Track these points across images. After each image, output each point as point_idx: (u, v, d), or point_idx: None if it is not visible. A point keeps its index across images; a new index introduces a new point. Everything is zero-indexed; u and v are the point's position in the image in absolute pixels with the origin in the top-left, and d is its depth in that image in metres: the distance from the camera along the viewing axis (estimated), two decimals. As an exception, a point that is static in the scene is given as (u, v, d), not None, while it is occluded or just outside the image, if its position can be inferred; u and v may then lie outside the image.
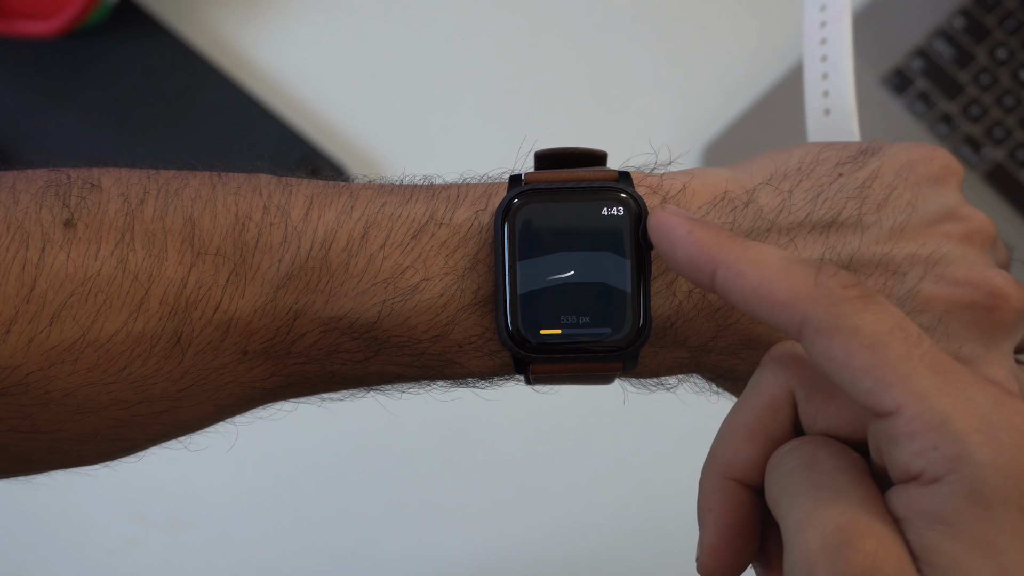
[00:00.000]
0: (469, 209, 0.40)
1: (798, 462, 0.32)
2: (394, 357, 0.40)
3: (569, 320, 0.39)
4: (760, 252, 0.34)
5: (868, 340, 0.30)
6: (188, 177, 0.40)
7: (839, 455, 0.32)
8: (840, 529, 0.29)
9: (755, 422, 0.34)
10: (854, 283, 0.31)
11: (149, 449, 0.41)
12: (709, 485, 0.35)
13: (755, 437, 0.34)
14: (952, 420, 0.29)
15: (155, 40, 0.81)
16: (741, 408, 0.35)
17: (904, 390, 0.30)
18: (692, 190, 0.41)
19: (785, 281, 0.32)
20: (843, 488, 0.31)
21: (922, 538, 0.29)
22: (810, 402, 0.34)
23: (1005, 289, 0.41)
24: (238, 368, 0.39)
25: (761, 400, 0.35)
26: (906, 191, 0.42)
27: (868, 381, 0.30)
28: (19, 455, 0.39)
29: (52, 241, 0.37)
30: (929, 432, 0.29)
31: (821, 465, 0.32)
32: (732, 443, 0.35)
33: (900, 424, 0.30)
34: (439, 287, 0.40)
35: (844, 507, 0.30)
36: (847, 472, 0.31)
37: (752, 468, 0.34)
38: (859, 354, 0.30)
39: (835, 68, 0.47)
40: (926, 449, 0.29)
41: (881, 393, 0.30)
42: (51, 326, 0.36)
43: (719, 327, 0.41)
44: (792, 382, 0.34)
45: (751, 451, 0.34)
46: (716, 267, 0.34)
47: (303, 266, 0.39)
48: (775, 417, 0.34)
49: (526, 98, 0.82)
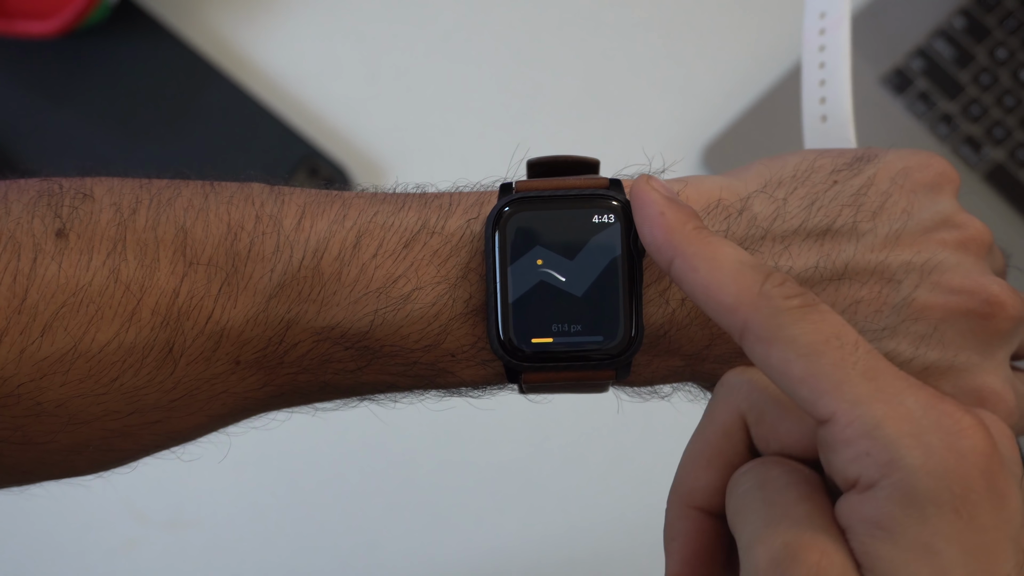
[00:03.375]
0: (461, 218, 0.40)
1: (752, 483, 0.33)
2: (387, 367, 0.40)
3: (561, 329, 0.39)
4: (717, 251, 0.34)
5: (804, 349, 0.31)
6: (180, 186, 0.40)
7: (789, 473, 0.32)
8: (786, 544, 0.30)
9: (711, 449, 0.35)
10: (797, 293, 0.32)
11: (142, 459, 0.41)
12: (673, 514, 0.35)
13: (713, 463, 0.35)
14: (883, 425, 0.29)
15: (155, 40, 0.81)
16: (697, 436, 0.36)
17: (837, 397, 0.30)
18: (685, 198, 0.41)
19: (733, 285, 0.33)
20: (791, 504, 0.31)
21: (863, 545, 0.29)
22: (760, 425, 0.34)
23: (1001, 297, 0.40)
24: (231, 378, 0.39)
25: (715, 427, 0.35)
26: (901, 198, 0.41)
27: (804, 389, 0.31)
28: (11, 466, 0.39)
29: (44, 251, 0.37)
30: (861, 438, 0.30)
31: (772, 484, 0.32)
32: (692, 471, 0.35)
33: (835, 431, 0.30)
34: (431, 296, 0.39)
35: (790, 523, 0.31)
36: (796, 488, 0.32)
37: (713, 494, 0.35)
38: (795, 363, 0.31)
39: (833, 75, 0.47)
40: (860, 455, 0.30)
41: (816, 401, 0.31)
42: (43, 337, 0.36)
43: (713, 335, 0.41)
44: (742, 406, 0.35)
45: (711, 477, 0.35)
46: (674, 256, 0.35)
47: (295, 275, 0.39)
48: (730, 442, 0.35)
49: (526, 98, 0.82)
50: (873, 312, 0.40)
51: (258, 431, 0.45)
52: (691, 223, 0.36)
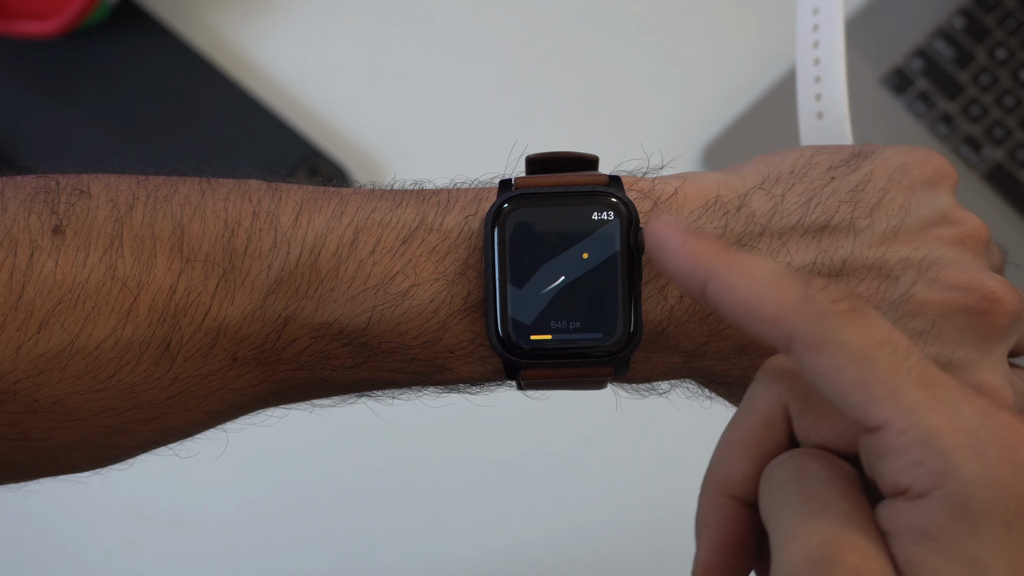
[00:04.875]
0: (459, 214, 0.40)
1: (788, 475, 0.32)
2: (385, 363, 0.40)
3: (559, 325, 0.39)
4: (751, 265, 0.33)
5: (856, 355, 0.30)
6: (177, 183, 0.40)
7: (829, 468, 0.32)
8: (824, 543, 0.29)
9: (750, 437, 0.34)
10: (843, 296, 0.31)
11: (139, 456, 0.41)
12: (707, 502, 0.35)
13: (751, 452, 0.34)
14: (939, 435, 0.29)
15: (155, 40, 0.81)
16: (736, 424, 0.35)
17: (891, 405, 0.29)
18: (684, 194, 0.41)
19: (774, 295, 0.32)
20: (830, 501, 0.30)
21: (907, 552, 0.29)
22: (804, 416, 0.33)
23: (998, 293, 0.40)
24: (228, 375, 0.39)
25: (755, 415, 0.34)
26: (899, 195, 0.41)
27: (856, 396, 0.30)
28: (8, 462, 0.39)
29: (40, 248, 0.37)
30: (916, 447, 0.29)
31: (810, 478, 0.31)
32: (728, 459, 0.34)
33: (888, 439, 0.29)
34: (429, 293, 0.39)
35: (829, 520, 0.30)
36: (836, 485, 0.31)
37: (749, 483, 0.34)
38: (847, 369, 0.30)
39: (828, 71, 0.47)
40: (913, 464, 0.29)
41: (869, 408, 0.30)
42: (39, 333, 0.36)
43: (711, 332, 0.41)
44: (785, 396, 0.34)
45: (747, 466, 0.34)
46: (707, 279, 0.34)
47: (293, 272, 0.39)
48: (770, 432, 0.34)
49: (526, 98, 0.82)
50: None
51: (258, 431, 0.45)
52: (716, 245, 0.35)
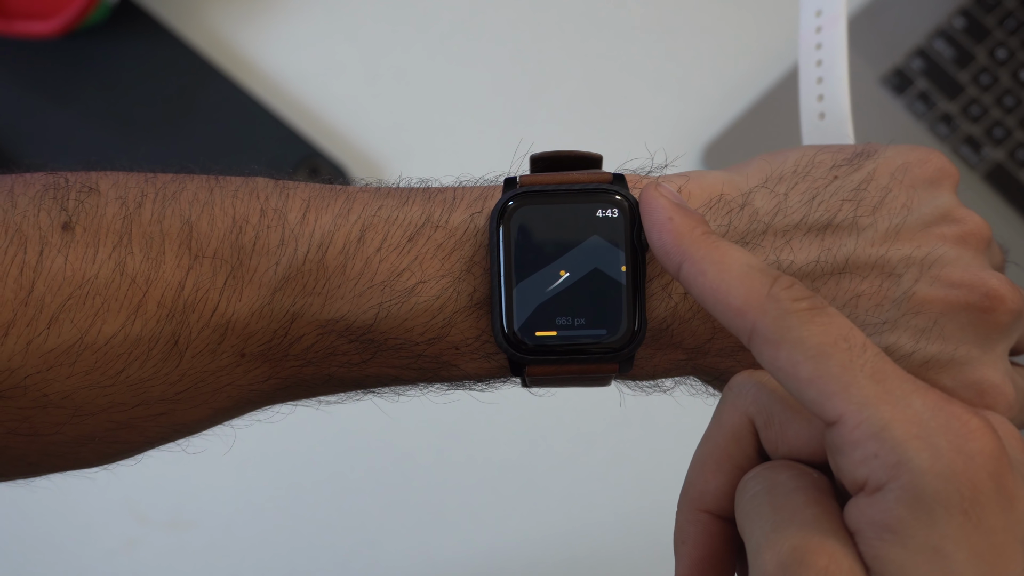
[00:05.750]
0: (465, 212, 0.40)
1: (760, 487, 0.33)
2: (391, 359, 0.40)
3: (564, 322, 0.39)
4: (725, 254, 0.34)
5: (812, 351, 0.31)
6: (185, 180, 0.40)
7: (798, 477, 0.32)
8: (794, 548, 0.30)
9: (720, 453, 0.35)
10: (805, 296, 0.32)
11: (147, 452, 0.42)
12: (683, 518, 0.36)
13: (722, 467, 0.35)
14: (891, 427, 0.29)
15: (155, 40, 0.81)
16: (706, 440, 0.36)
17: (845, 399, 0.30)
18: (688, 192, 0.41)
19: (741, 288, 0.33)
20: (799, 508, 0.31)
21: (872, 548, 0.29)
22: (769, 428, 0.34)
23: (1000, 291, 0.41)
24: (235, 371, 0.39)
25: (723, 430, 0.35)
26: (901, 193, 0.42)
27: (812, 391, 0.31)
28: (17, 457, 0.39)
29: (50, 244, 0.37)
30: (869, 440, 0.30)
31: (780, 488, 0.32)
32: (701, 475, 0.35)
33: (843, 433, 0.30)
34: (435, 289, 0.40)
35: (798, 527, 0.31)
36: (804, 492, 0.32)
37: (722, 498, 0.35)
38: (803, 365, 0.31)
39: (830, 72, 0.47)
40: (868, 457, 0.30)
41: (824, 402, 0.31)
42: (49, 329, 0.36)
43: (715, 329, 0.41)
44: (750, 410, 0.35)
45: (720, 481, 0.35)
46: (683, 261, 0.35)
47: (300, 269, 0.39)
48: (739, 446, 0.35)
49: (526, 98, 0.82)
50: (874, 306, 0.41)
51: (258, 432, 0.45)
52: (699, 228, 0.36)
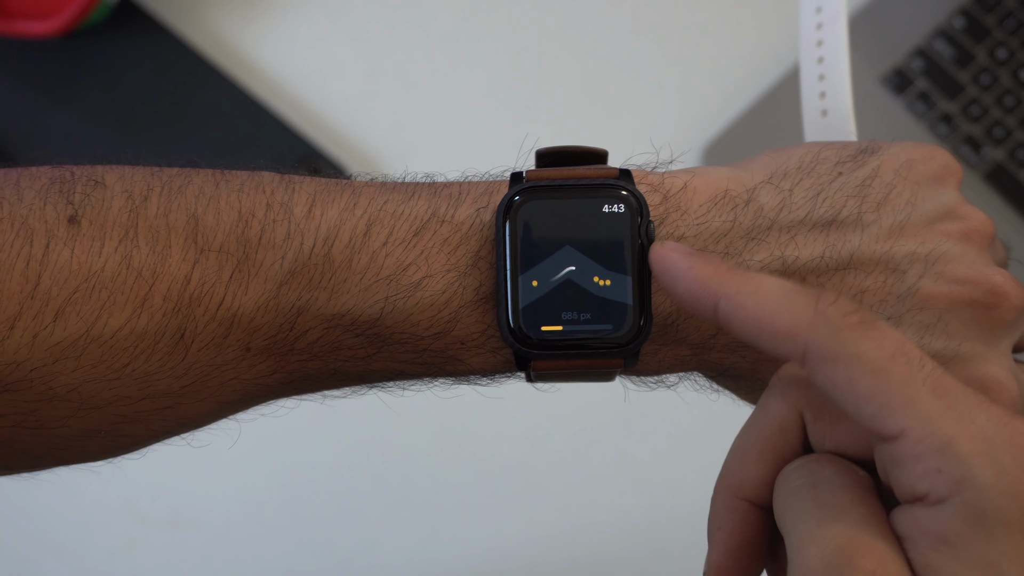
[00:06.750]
0: (471, 207, 0.41)
1: (804, 480, 0.33)
2: (396, 354, 0.40)
3: (570, 316, 0.39)
4: (760, 283, 0.34)
5: (870, 366, 0.31)
6: (191, 174, 0.40)
7: (844, 474, 0.32)
8: (841, 547, 0.30)
9: (764, 443, 0.35)
10: (854, 310, 0.32)
11: (152, 446, 0.41)
12: (720, 504, 0.35)
13: (765, 457, 0.35)
14: (955, 443, 0.29)
15: (155, 40, 0.81)
16: (751, 428, 0.36)
17: (907, 415, 0.30)
18: (693, 188, 0.41)
19: (786, 311, 0.33)
20: (846, 506, 0.31)
21: (924, 557, 0.30)
22: (818, 422, 0.34)
23: (1004, 287, 0.41)
24: (241, 365, 0.39)
25: (770, 421, 0.35)
26: (905, 190, 0.42)
27: (872, 406, 0.31)
28: (23, 451, 0.39)
29: (56, 238, 0.37)
30: (933, 455, 0.30)
31: (826, 483, 0.32)
32: (742, 463, 0.35)
33: (905, 447, 0.30)
34: (441, 284, 0.40)
35: (845, 525, 0.30)
36: (851, 490, 0.32)
37: (762, 487, 0.35)
38: (862, 380, 0.31)
39: (832, 69, 0.47)
40: (930, 472, 0.30)
41: (885, 418, 0.30)
42: (55, 322, 0.36)
43: (720, 325, 0.41)
44: (800, 403, 0.35)
45: (761, 471, 0.35)
46: (718, 300, 0.35)
47: (306, 263, 0.39)
48: (784, 438, 0.35)
49: (526, 98, 0.82)
50: (878, 302, 0.41)
51: (258, 431, 0.45)
52: (722, 265, 0.36)
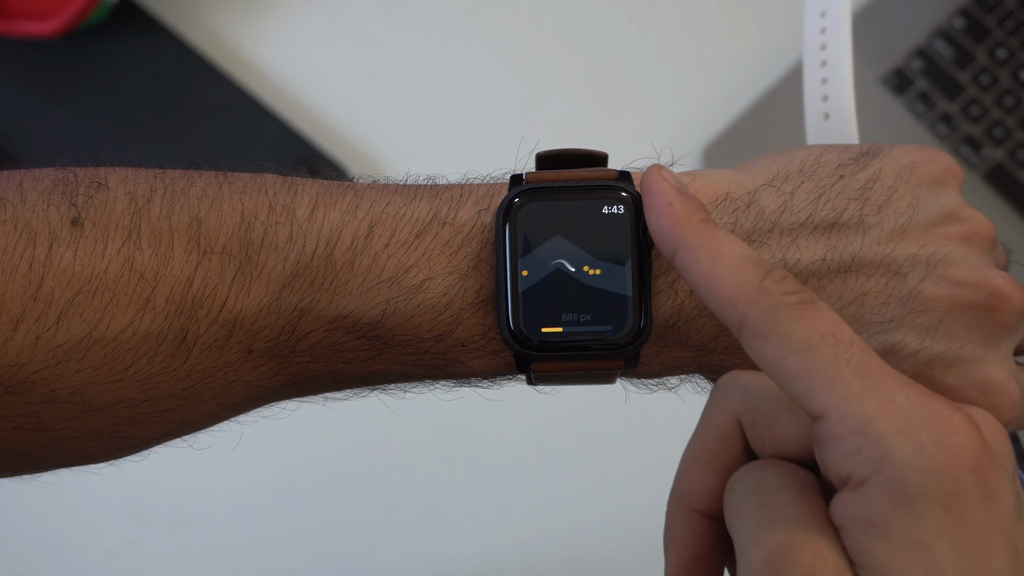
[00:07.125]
0: (472, 209, 0.41)
1: (748, 486, 0.33)
2: (398, 356, 0.41)
3: (570, 318, 0.39)
4: (721, 244, 0.35)
5: (798, 345, 0.31)
6: (194, 176, 0.40)
7: (785, 475, 0.33)
8: (780, 545, 0.30)
9: (708, 453, 0.35)
10: (796, 290, 0.32)
11: (153, 448, 0.42)
12: (672, 517, 0.36)
13: (710, 467, 0.35)
14: (874, 422, 0.30)
15: (155, 40, 0.81)
16: (694, 440, 0.36)
17: (829, 393, 0.30)
18: (694, 190, 0.41)
19: (733, 278, 0.33)
20: (785, 505, 0.31)
21: (856, 543, 0.30)
22: (755, 428, 0.35)
23: (1005, 290, 0.41)
24: (243, 367, 0.39)
25: (711, 431, 0.36)
26: (907, 193, 0.42)
27: (798, 385, 0.31)
28: (25, 453, 0.39)
29: (59, 239, 0.37)
30: (853, 434, 0.30)
31: (767, 486, 0.32)
32: (689, 475, 0.36)
33: (828, 427, 0.30)
34: (442, 286, 0.40)
35: (784, 524, 0.31)
36: (791, 490, 0.32)
37: (711, 498, 0.35)
38: (789, 358, 0.31)
39: (834, 73, 0.47)
40: (851, 451, 0.30)
41: (809, 396, 0.31)
42: (58, 324, 0.36)
43: (721, 327, 0.41)
44: (736, 410, 0.35)
45: (708, 481, 0.35)
46: (679, 246, 0.35)
47: (308, 265, 0.39)
48: (726, 447, 0.35)
49: (526, 99, 0.82)
50: (880, 304, 0.41)
51: (258, 432, 0.45)
52: (698, 215, 0.36)
